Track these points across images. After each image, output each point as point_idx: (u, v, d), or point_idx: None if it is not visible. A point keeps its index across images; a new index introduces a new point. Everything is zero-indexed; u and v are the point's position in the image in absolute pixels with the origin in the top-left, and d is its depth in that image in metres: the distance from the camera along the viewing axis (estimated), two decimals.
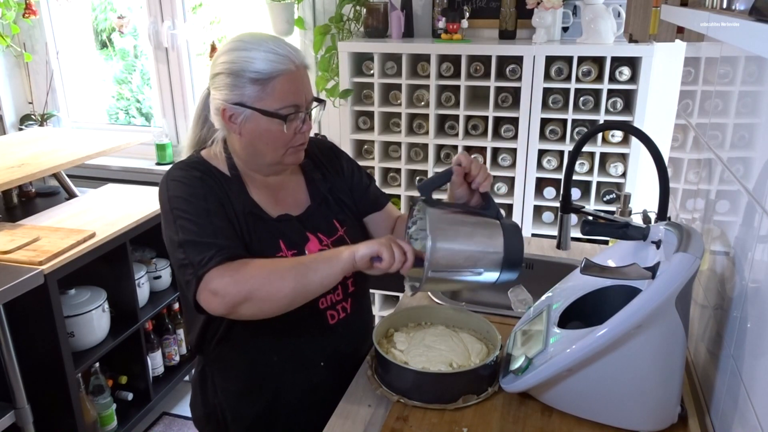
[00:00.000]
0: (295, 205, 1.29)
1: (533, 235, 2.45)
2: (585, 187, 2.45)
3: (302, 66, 1.17)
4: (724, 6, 0.93)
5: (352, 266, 1.10)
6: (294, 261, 1.15)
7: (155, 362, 2.57)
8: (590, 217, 1.39)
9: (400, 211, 2.61)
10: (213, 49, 2.99)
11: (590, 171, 2.36)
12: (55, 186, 2.97)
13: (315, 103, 1.23)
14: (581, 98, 2.31)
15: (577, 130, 2.34)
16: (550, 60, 2.28)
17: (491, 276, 1.12)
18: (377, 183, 2.57)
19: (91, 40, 3.71)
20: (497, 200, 2.49)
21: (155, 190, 1.29)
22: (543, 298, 1.29)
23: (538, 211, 2.52)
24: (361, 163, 2.61)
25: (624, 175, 2.33)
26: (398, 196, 2.63)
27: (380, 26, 2.59)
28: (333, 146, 1.42)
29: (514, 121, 2.40)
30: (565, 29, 2.43)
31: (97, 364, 2.26)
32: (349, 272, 1.11)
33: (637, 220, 1.40)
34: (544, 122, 2.37)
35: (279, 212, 1.25)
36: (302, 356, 1.27)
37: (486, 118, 2.43)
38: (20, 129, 3.36)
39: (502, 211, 1.26)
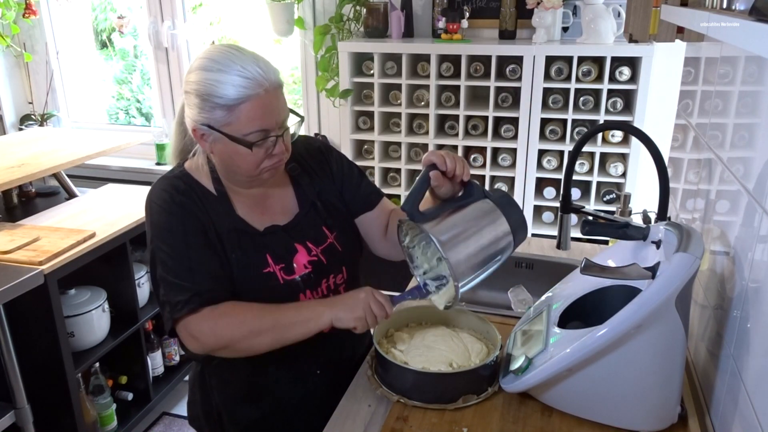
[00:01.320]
0: (283, 213, 1.25)
1: (533, 235, 2.44)
2: (585, 187, 2.45)
3: (273, 87, 1.09)
4: (724, 6, 0.93)
5: (329, 327, 1.12)
6: (273, 319, 1.13)
7: (155, 362, 2.57)
8: (590, 217, 1.39)
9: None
10: None
11: (590, 171, 2.36)
12: (55, 186, 2.97)
13: (294, 118, 1.18)
14: (581, 98, 2.31)
15: (577, 130, 2.34)
16: (550, 60, 2.28)
17: (509, 251, 1.12)
18: (377, 183, 2.59)
19: (91, 40, 3.71)
20: None
21: None
22: (543, 298, 1.29)
23: (538, 211, 2.52)
24: (361, 163, 2.61)
25: (624, 175, 2.33)
26: (398, 196, 2.63)
27: (380, 26, 2.59)
28: (321, 146, 1.36)
29: (514, 121, 2.40)
30: (565, 29, 2.43)
31: (97, 364, 2.26)
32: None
33: (637, 220, 1.40)
34: (544, 122, 2.37)
35: (266, 224, 1.22)
36: (299, 365, 1.26)
37: (486, 118, 2.43)
38: (20, 129, 3.36)
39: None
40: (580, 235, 1.29)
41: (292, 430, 1.31)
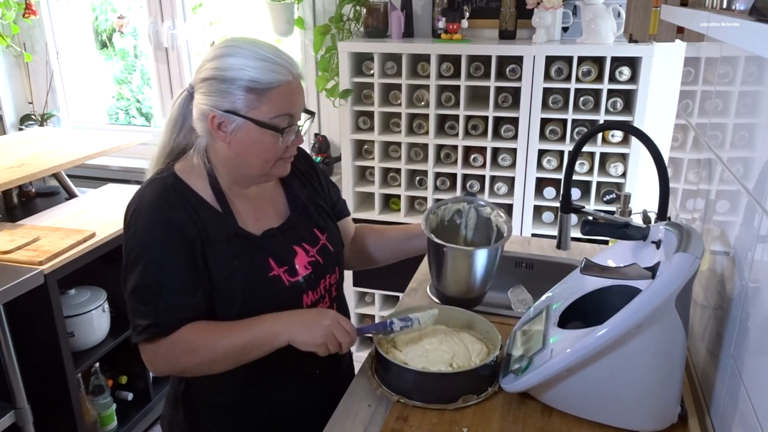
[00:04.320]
0: (276, 215, 1.24)
1: (533, 235, 2.45)
2: (585, 187, 2.45)
3: (298, 77, 1.12)
4: (724, 6, 0.92)
5: (287, 345, 1.11)
6: (227, 345, 1.09)
7: None
8: (590, 217, 1.39)
9: (400, 209, 2.62)
10: None
11: (590, 171, 2.36)
12: (55, 186, 2.97)
13: (305, 115, 1.19)
14: (581, 98, 2.31)
15: (577, 130, 2.34)
16: (550, 60, 2.28)
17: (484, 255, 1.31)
18: (377, 183, 2.60)
19: (91, 40, 3.71)
20: (497, 200, 2.49)
21: None
22: (543, 298, 1.29)
23: (538, 211, 2.52)
24: (361, 163, 2.62)
25: (624, 175, 2.33)
26: (398, 196, 2.63)
27: (380, 26, 2.59)
28: (305, 153, 1.36)
29: (514, 121, 2.40)
30: (565, 29, 2.43)
31: (97, 364, 2.27)
32: None
33: (637, 220, 1.40)
34: (544, 122, 2.37)
35: (261, 227, 1.19)
36: (298, 365, 1.23)
37: (486, 118, 2.43)
38: (20, 129, 3.36)
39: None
40: (580, 235, 1.29)
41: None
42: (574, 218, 2.04)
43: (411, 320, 1.21)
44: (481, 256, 1.31)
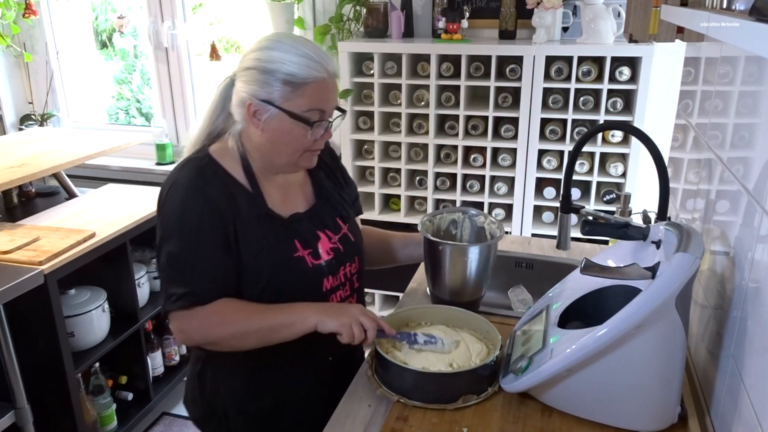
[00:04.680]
0: (303, 201, 1.31)
1: (533, 235, 2.45)
2: (585, 187, 2.45)
3: (333, 75, 1.18)
4: (724, 6, 0.92)
5: (313, 331, 1.14)
6: (260, 321, 1.16)
7: (155, 362, 2.57)
8: (590, 217, 1.39)
9: (400, 209, 2.62)
10: (213, 49, 2.99)
11: (590, 171, 2.36)
12: (55, 186, 2.97)
13: (337, 112, 1.24)
14: (581, 98, 2.31)
15: (577, 130, 2.34)
16: (550, 60, 2.28)
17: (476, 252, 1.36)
18: (377, 183, 2.60)
19: (91, 40, 3.71)
20: (497, 200, 2.50)
21: (155, 190, 1.29)
22: (543, 298, 1.29)
23: (538, 211, 2.52)
24: (361, 163, 2.62)
25: (624, 175, 2.33)
26: (398, 196, 2.63)
27: (380, 26, 2.59)
28: (331, 149, 1.43)
29: (514, 121, 2.40)
30: (565, 29, 2.43)
31: (97, 364, 2.26)
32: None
33: (637, 220, 1.40)
34: (544, 122, 2.37)
35: (289, 211, 1.26)
36: (310, 352, 1.27)
37: (486, 118, 2.43)
38: (20, 129, 3.36)
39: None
40: (580, 235, 1.29)
41: (302, 419, 1.31)
42: (574, 218, 2.04)
43: (435, 339, 1.23)
44: (475, 253, 1.38)
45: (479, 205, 2.54)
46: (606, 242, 1.96)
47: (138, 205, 2.42)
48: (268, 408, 1.30)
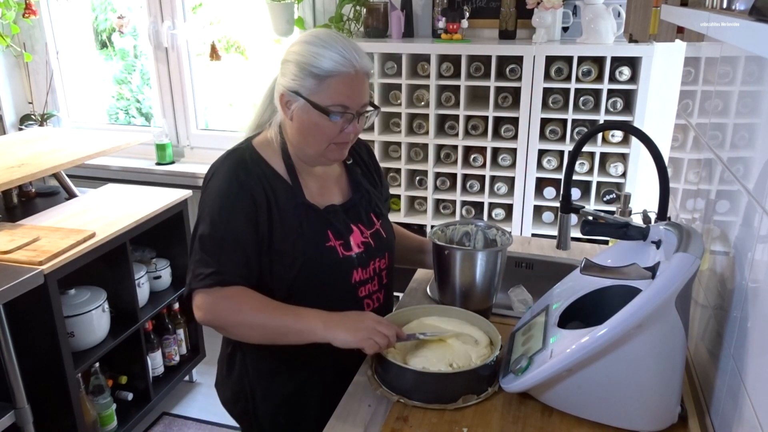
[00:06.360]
0: (339, 194, 1.35)
1: (533, 235, 2.45)
2: (585, 187, 2.45)
3: (362, 72, 1.21)
4: (724, 6, 0.93)
5: (321, 340, 1.18)
6: (268, 319, 1.20)
7: (155, 362, 2.57)
8: (590, 217, 1.39)
9: (400, 209, 2.62)
10: (213, 49, 2.99)
11: (590, 171, 2.36)
12: (55, 186, 2.97)
13: (370, 108, 1.27)
14: (581, 98, 2.31)
15: (577, 130, 2.34)
16: (550, 60, 2.28)
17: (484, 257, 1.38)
18: None
19: (91, 40, 3.71)
20: (497, 200, 2.50)
21: (155, 189, 1.32)
22: (543, 298, 1.29)
23: (538, 211, 2.52)
24: None
25: (624, 175, 2.33)
26: (398, 197, 2.63)
27: (380, 26, 2.59)
28: (369, 147, 1.50)
29: (514, 121, 2.40)
30: (565, 29, 2.43)
31: (97, 364, 2.26)
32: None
33: (637, 220, 1.40)
34: (544, 122, 2.37)
35: (325, 202, 1.31)
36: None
37: (486, 118, 2.43)
38: (20, 129, 3.36)
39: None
40: (580, 235, 1.29)
41: (324, 407, 1.30)
42: (574, 218, 2.04)
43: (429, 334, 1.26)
44: (483, 258, 1.38)
45: (479, 205, 2.54)
46: (606, 242, 1.97)
47: (138, 205, 2.42)
48: (293, 392, 1.34)
